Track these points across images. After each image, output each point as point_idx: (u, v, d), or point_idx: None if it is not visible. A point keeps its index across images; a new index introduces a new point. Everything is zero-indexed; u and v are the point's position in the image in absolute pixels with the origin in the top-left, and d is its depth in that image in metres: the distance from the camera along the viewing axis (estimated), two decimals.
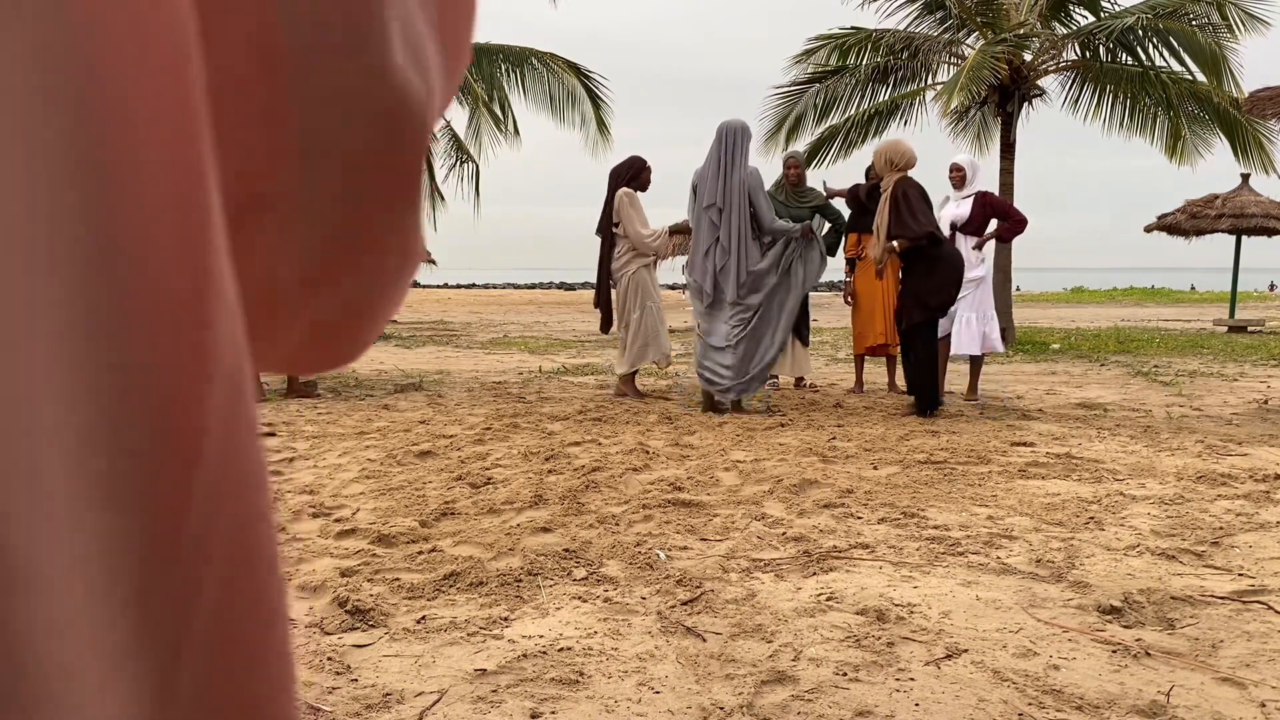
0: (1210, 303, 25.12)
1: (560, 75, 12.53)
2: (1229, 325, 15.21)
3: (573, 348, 11.92)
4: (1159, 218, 16.33)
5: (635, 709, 2.07)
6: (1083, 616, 2.62)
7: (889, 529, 3.46)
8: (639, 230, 6.69)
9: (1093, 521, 3.55)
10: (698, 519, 3.58)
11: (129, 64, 0.20)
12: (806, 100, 13.13)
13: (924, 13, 12.94)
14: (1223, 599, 2.74)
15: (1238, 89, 11.34)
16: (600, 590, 2.81)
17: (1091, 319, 18.49)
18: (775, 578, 2.93)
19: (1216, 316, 17.25)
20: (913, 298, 6.06)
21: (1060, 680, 2.21)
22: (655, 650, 2.38)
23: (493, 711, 2.05)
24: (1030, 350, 11.27)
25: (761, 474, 4.33)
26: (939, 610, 2.65)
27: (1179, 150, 12.50)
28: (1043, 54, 12.47)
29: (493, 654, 2.35)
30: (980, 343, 6.86)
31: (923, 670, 2.26)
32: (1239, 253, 16.02)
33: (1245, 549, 3.22)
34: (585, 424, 5.75)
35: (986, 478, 4.29)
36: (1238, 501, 3.85)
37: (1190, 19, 11.60)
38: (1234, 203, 15.25)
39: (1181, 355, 10.65)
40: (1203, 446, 4.97)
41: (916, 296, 6.04)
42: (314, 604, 2.68)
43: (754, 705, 2.07)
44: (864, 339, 7.27)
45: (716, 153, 6.19)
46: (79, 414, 0.20)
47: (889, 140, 6.58)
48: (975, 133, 13.93)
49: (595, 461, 4.54)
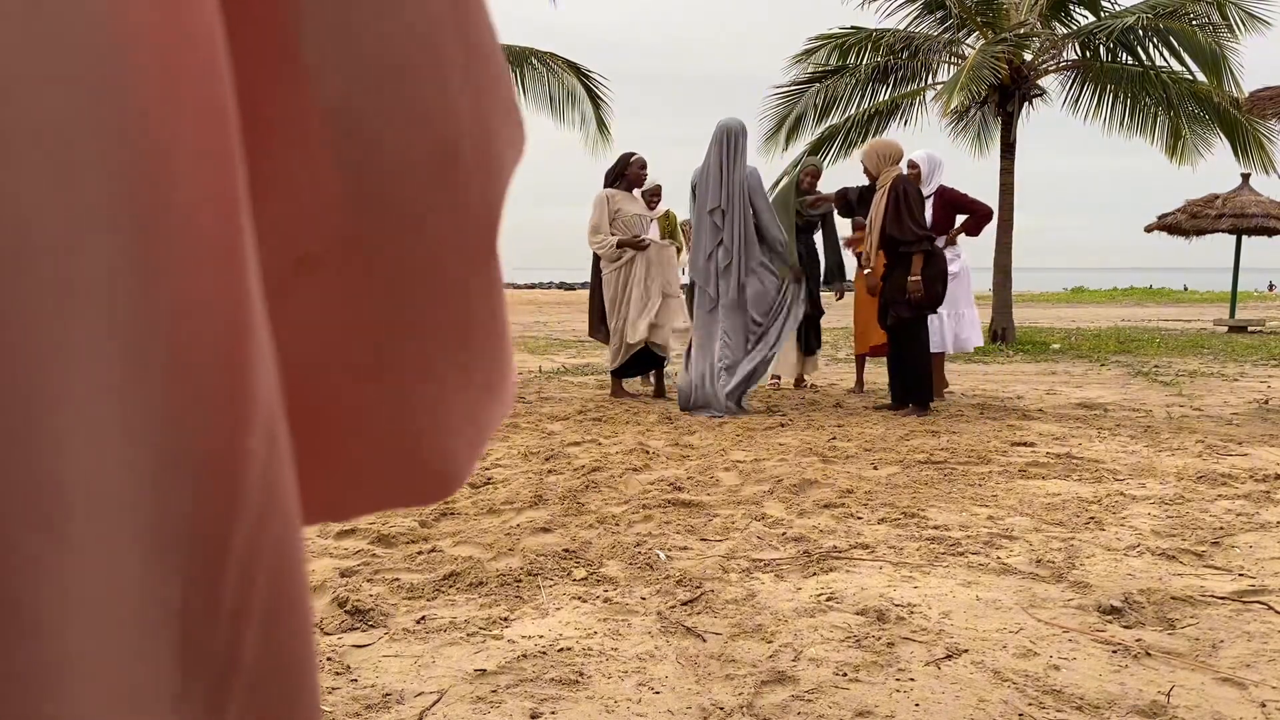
0: (1210, 302, 25.12)
1: (560, 75, 12.53)
2: (1229, 325, 15.21)
3: (573, 348, 11.92)
4: (1159, 218, 16.33)
5: (635, 709, 2.07)
6: (1083, 616, 2.62)
7: (889, 529, 3.46)
8: (591, 229, 6.76)
9: (1093, 521, 3.55)
10: (698, 519, 3.58)
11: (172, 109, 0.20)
12: (806, 100, 13.14)
13: (924, 12, 12.94)
14: (1223, 599, 2.74)
15: (1238, 89, 11.35)
16: (600, 590, 2.81)
17: (1091, 319, 18.48)
18: (775, 578, 2.93)
19: (1216, 316, 17.24)
20: (900, 294, 6.04)
21: (1060, 680, 2.20)
22: (655, 650, 2.38)
23: (492, 711, 2.05)
24: (1030, 350, 11.26)
25: (761, 474, 4.33)
26: (939, 610, 2.65)
27: (1179, 150, 12.50)
28: (1043, 54, 12.47)
29: (492, 654, 2.35)
30: (949, 341, 6.80)
31: (923, 670, 2.26)
32: (1239, 253, 16.02)
33: (1245, 549, 3.22)
34: (585, 424, 5.75)
35: (987, 478, 4.29)
36: (1238, 501, 3.85)
37: (1190, 19, 11.60)
38: (1234, 203, 15.25)
39: (1182, 355, 10.65)
40: (1203, 446, 4.96)
41: (904, 292, 6.03)
42: (314, 604, 2.68)
43: (754, 705, 2.07)
44: (866, 338, 7.26)
45: (716, 154, 6.17)
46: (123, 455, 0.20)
47: (874, 140, 6.59)
48: (975, 133, 13.94)
49: (595, 461, 4.53)
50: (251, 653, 0.23)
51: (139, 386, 0.20)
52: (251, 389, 0.23)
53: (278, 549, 0.24)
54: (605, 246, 6.75)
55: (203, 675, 0.22)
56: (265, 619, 0.24)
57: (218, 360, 0.22)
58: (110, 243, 0.19)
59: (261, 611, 0.23)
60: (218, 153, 0.22)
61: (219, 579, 0.22)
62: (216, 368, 0.22)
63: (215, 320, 0.22)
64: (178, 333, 0.21)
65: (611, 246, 6.74)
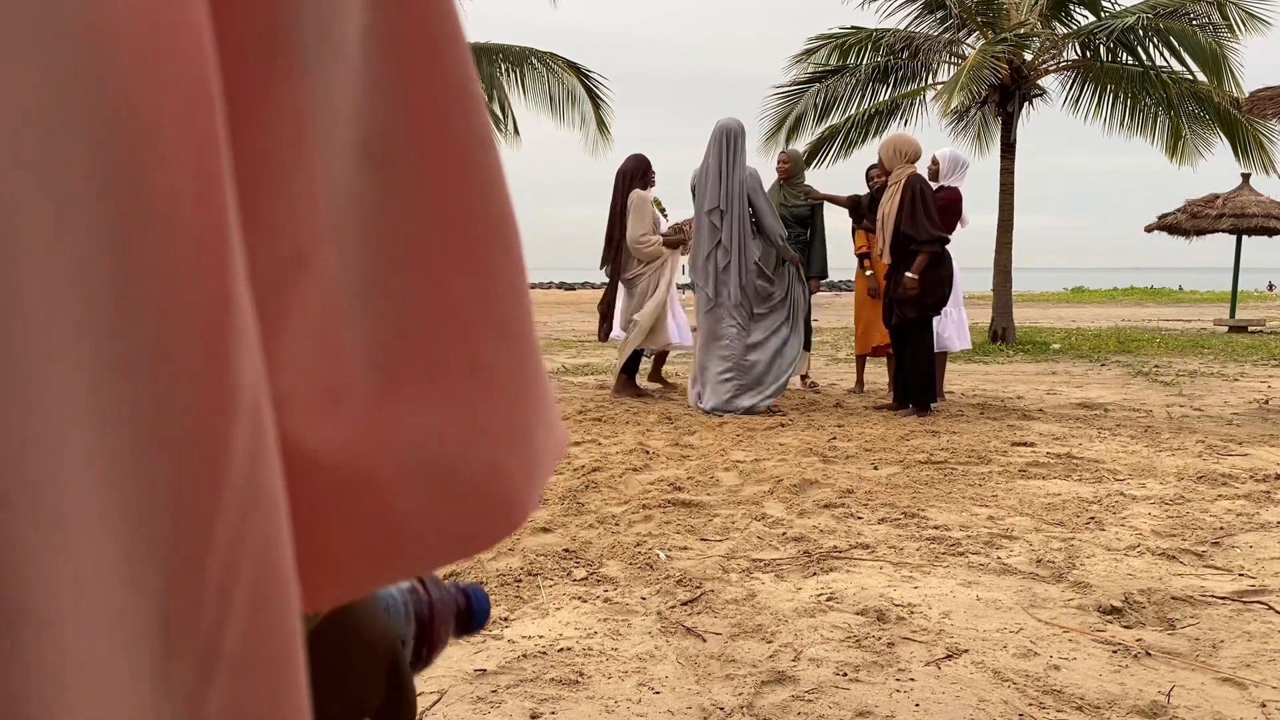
0: (1209, 302, 25.13)
1: (560, 75, 12.54)
2: (1229, 325, 15.20)
3: (573, 348, 11.91)
4: (1159, 218, 16.32)
5: (635, 709, 2.07)
6: (1083, 617, 2.62)
7: (889, 529, 3.46)
8: (635, 234, 6.73)
9: (1093, 521, 3.55)
10: (698, 519, 3.58)
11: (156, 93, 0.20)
12: (806, 100, 13.13)
13: (924, 12, 12.93)
14: (1223, 599, 2.74)
15: (1238, 89, 11.34)
16: (600, 590, 2.81)
17: (1092, 319, 18.48)
18: (775, 578, 2.93)
19: (1216, 316, 17.24)
20: (907, 294, 6.02)
21: (1060, 680, 2.20)
22: (655, 650, 2.38)
23: (493, 712, 2.05)
24: (1030, 350, 11.26)
25: (761, 474, 4.33)
26: (939, 610, 2.65)
27: (1179, 150, 12.49)
28: (1043, 54, 12.47)
29: (492, 654, 2.35)
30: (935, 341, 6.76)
31: (923, 670, 2.26)
32: (1239, 253, 16.02)
33: (1246, 549, 3.22)
34: (585, 424, 5.75)
35: (987, 478, 4.29)
36: (1238, 501, 3.85)
37: (1190, 19, 11.59)
38: (1234, 202, 15.24)
39: (1182, 355, 10.65)
40: (1203, 446, 4.96)
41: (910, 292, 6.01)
42: None
43: (754, 705, 2.07)
44: (868, 339, 7.24)
45: (716, 155, 6.17)
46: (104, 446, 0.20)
47: (896, 134, 6.54)
48: (975, 133, 13.93)
49: (595, 461, 4.53)
50: (235, 641, 0.23)
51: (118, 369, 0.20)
52: (234, 378, 0.23)
53: (263, 540, 0.24)
54: (654, 246, 6.79)
55: (184, 662, 0.22)
56: (250, 608, 0.24)
57: (198, 346, 0.22)
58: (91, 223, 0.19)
59: (246, 600, 0.23)
60: (203, 136, 0.22)
61: (203, 566, 0.22)
62: (197, 353, 0.22)
63: (196, 307, 0.22)
64: (158, 316, 0.21)
65: (659, 245, 6.79)
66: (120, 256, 0.20)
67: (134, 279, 0.20)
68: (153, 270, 0.21)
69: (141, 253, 0.20)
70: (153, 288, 0.20)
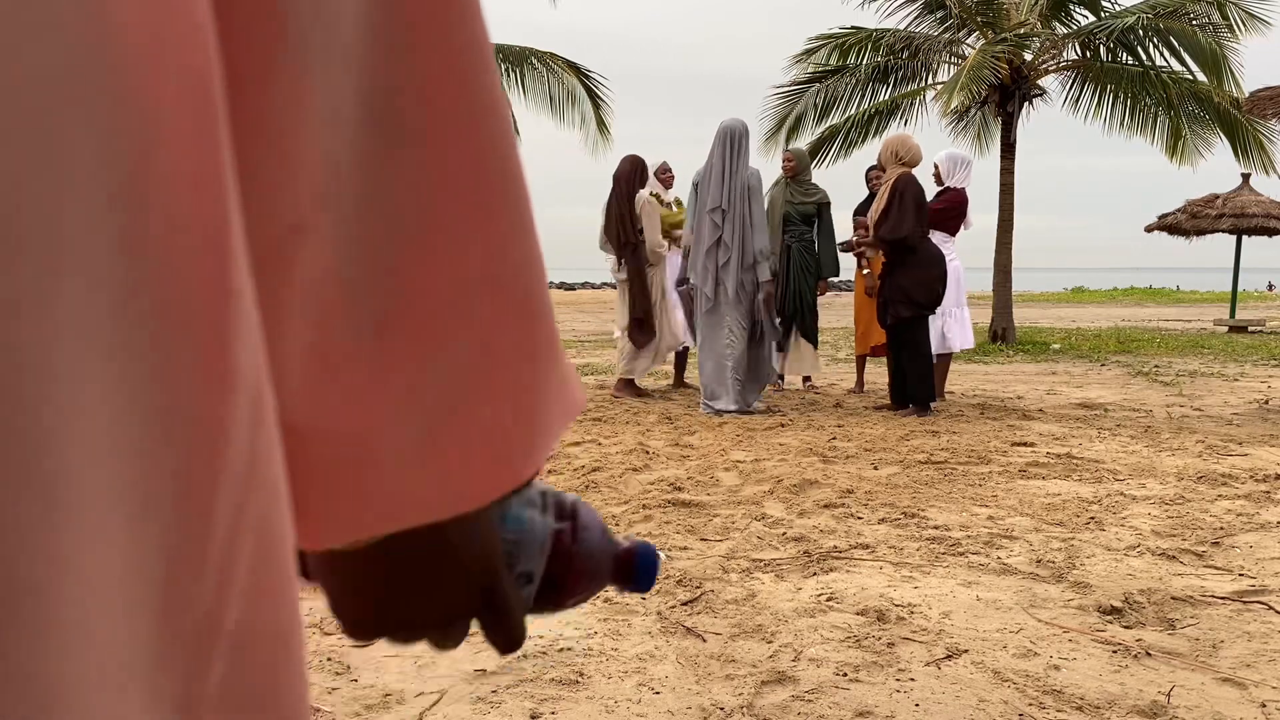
0: (1209, 302, 25.12)
1: (560, 75, 12.54)
2: (1229, 325, 15.20)
3: (572, 348, 11.91)
4: (1159, 218, 16.32)
5: (635, 709, 2.07)
6: (1083, 617, 2.62)
7: (889, 529, 3.46)
8: (657, 239, 6.84)
9: (1093, 522, 3.55)
10: (698, 519, 3.58)
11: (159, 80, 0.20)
12: (807, 100, 13.13)
13: (924, 12, 12.94)
14: (1223, 599, 2.74)
15: (1238, 89, 11.34)
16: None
17: (1091, 319, 18.48)
18: (775, 578, 2.93)
19: (1216, 316, 17.24)
20: (899, 293, 6.02)
21: (1061, 680, 2.20)
22: (655, 650, 2.38)
23: (493, 712, 2.05)
24: (1030, 350, 11.26)
25: (761, 474, 4.33)
26: (939, 610, 2.65)
27: (1179, 150, 12.50)
28: (1043, 54, 12.47)
29: (492, 654, 2.34)
30: (935, 341, 6.75)
31: (923, 670, 2.26)
32: (1239, 253, 16.02)
33: (1246, 549, 3.22)
34: (585, 424, 5.75)
35: (987, 478, 4.29)
36: (1238, 502, 3.85)
37: (1190, 19, 11.60)
38: (1234, 202, 15.24)
39: (1182, 355, 10.64)
40: (1203, 447, 4.96)
41: (903, 292, 6.01)
42: (314, 604, 2.68)
43: (754, 705, 2.07)
44: (867, 339, 7.24)
45: (720, 155, 6.18)
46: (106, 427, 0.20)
47: (899, 134, 6.55)
48: (975, 133, 13.93)
49: (595, 461, 4.53)
50: (234, 620, 0.23)
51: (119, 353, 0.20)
52: (234, 361, 0.23)
53: (263, 520, 0.24)
54: (664, 248, 6.90)
55: (183, 639, 0.22)
56: (250, 587, 0.24)
57: (199, 330, 0.22)
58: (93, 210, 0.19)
59: (246, 580, 0.24)
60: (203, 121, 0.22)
61: (203, 545, 0.22)
62: (197, 338, 0.22)
63: (197, 292, 0.22)
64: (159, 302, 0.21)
65: (665, 246, 6.88)
66: (122, 243, 0.20)
67: (135, 265, 0.20)
68: (154, 256, 0.21)
69: (143, 238, 0.20)
70: (154, 273, 0.21)
